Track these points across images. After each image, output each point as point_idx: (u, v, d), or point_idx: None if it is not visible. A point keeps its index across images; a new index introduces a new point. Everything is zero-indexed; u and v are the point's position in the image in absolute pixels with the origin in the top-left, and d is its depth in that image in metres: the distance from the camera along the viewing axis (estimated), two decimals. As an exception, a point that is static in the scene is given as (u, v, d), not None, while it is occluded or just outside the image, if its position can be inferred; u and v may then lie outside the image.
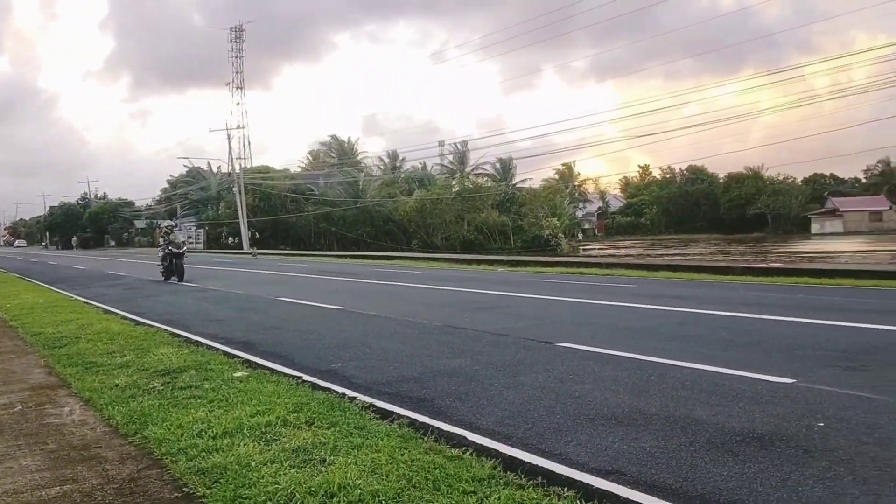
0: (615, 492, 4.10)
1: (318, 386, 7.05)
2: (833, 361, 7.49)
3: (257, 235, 55.08)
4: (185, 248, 24.73)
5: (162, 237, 25.56)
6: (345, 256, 44.78)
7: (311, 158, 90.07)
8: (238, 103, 73.01)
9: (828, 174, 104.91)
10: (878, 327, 9.82)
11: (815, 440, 4.87)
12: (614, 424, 5.44)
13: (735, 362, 7.53)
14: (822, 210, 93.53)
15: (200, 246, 69.04)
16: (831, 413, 5.51)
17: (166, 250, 23.98)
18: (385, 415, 5.92)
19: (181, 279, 23.13)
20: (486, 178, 75.84)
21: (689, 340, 9.09)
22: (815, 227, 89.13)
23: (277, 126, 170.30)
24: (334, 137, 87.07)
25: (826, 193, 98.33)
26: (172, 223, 26.02)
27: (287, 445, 5.12)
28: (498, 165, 77.54)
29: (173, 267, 23.59)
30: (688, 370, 7.29)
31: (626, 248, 61.50)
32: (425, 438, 5.23)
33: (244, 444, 5.18)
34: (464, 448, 4.95)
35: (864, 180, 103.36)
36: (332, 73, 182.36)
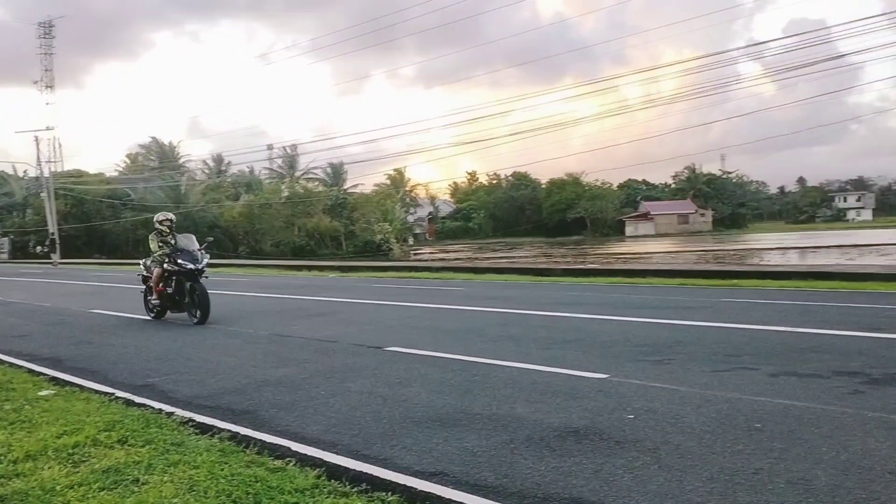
0: (438, 493, 4.15)
1: (133, 402, 6.68)
2: (643, 356, 7.97)
3: (56, 242, 50.94)
4: (205, 260, 12.94)
5: (154, 239, 13.22)
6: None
7: (129, 162, 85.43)
8: (47, 103, 68.06)
9: (640, 180, 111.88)
10: (683, 322, 10.56)
11: (626, 432, 5.15)
12: (439, 426, 5.51)
13: (554, 360, 7.86)
14: (636, 213, 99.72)
15: (5, 255, 63.81)
16: (640, 405, 5.85)
17: (166, 264, 12.83)
18: (205, 429, 5.69)
19: (205, 315, 12.25)
20: (316, 183, 75.13)
21: (512, 340, 9.38)
22: (629, 230, 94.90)
23: (92, 128, 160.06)
24: (155, 140, 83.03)
25: (639, 198, 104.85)
26: (171, 216, 13.75)
27: (97, 466, 4.80)
28: (329, 170, 77.06)
29: (183, 295, 12.70)
30: (510, 369, 7.52)
31: (455, 251, 62.83)
32: (247, 451, 5.07)
33: (49, 468, 4.81)
34: (287, 459, 4.84)
35: (672, 185, 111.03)
36: (151, 72, 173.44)
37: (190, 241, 13.10)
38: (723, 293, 15.27)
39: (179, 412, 6.20)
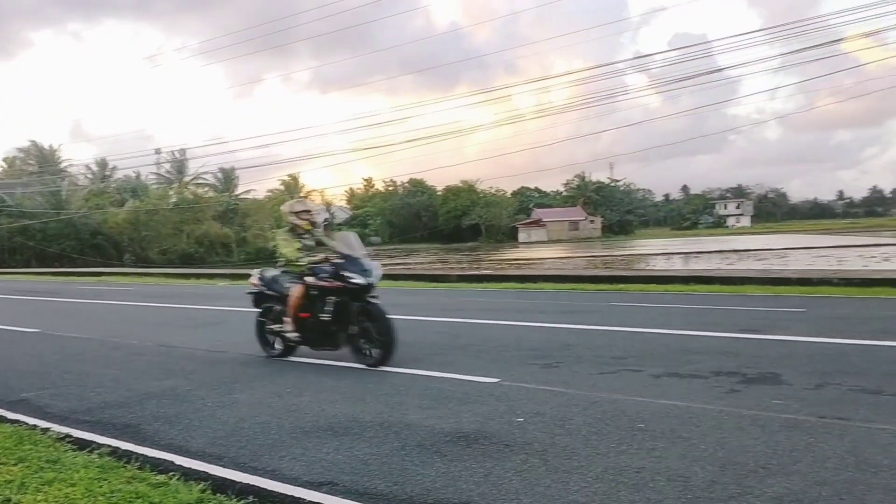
0: (327, 503, 4.09)
1: (6, 419, 6.30)
2: (533, 360, 8.11)
3: None
4: (378, 271, 8.59)
5: (289, 240, 8.78)
6: (45, 273, 40.70)
7: (6, 166, 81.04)
8: (-86, 103, 63.83)
9: (533, 187, 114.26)
10: (572, 326, 10.81)
11: (515, 435, 5.21)
12: (330, 435, 5.44)
13: (447, 365, 7.90)
14: (529, 220, 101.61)
15: None
16: (530, 409, 5.94)
17: (311, 277, 8.48)
18: (84, 445, 5.42)
19: (389, 352, 8.06)
20: (207, 189, 73.17)
21: (405, 346, 9.34)
22: (522, 236, 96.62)
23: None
24: (34, 143, 79.07)
25: (532, 205, 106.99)
26: (313, 205, 10.04)
27: (-38, 489, 4.50)
28: (220, 175, 75.23)
29: (345, 323, 8.30)
30: (403, 376, 7.52)
31: (350, 258, 62.31)
32: (128, 467, 4.86)
33: None
34: (171, 473, 4.67)
35: (564, 193, 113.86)
36: (29, 73, 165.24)
37: (351, 243, 8.59)
38: (610, 297, 15.73)
39: (56, 428, 5.89)
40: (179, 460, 4.96)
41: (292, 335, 8.61)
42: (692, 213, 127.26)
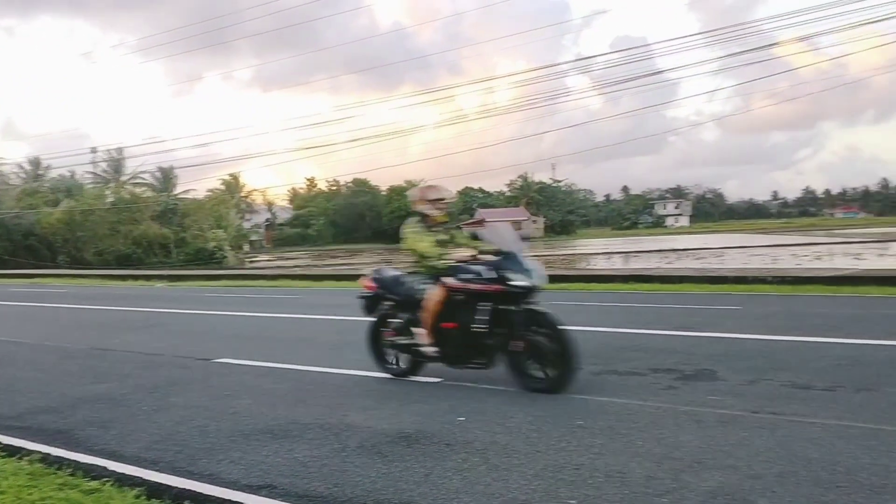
0: (265, 507, 4.04)
1: (-72, 427, 6.07)
2: (475, 359, 8.12)
3: None
4: (541, 270, 6.88)
5: (421, 233, 7.13)
6: (-24, 276, 39.34)
7: (-69, 165, 78.02)
8: None
9: (477, 187, 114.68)
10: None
11: (456, 434, 5.21)
12: (269, 438, 5.37)
13: (389, 366, 7.85)
14: (472, 220, 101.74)
15: None
16: (471, 407, 5.95)
17: (452, 278, 6.73)
18: (13, 451, 5.25)
19: (571, 371, 6.34)
20: (144, 188, 71.59)
21: (348, 347, 9.30)
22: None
23: None
24: (-38, 141, 76.36)
25: (475, 205, 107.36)
26: (447, 192, 7.46)
27: None
28: (158, 174, 73.71)
29: (507, 336, 6.51)
30: (345, 377, 7.48)
31: (294, 259, 61.81)
32: (59, 473, 4.73)
33: None
34: (104, 479, 4.55)
35: (507, 193, 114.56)
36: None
37: (505, 237, 7.07)
38: (552, 296, 15.82)
39: (-18, 435, 5.70)
40: (113, 466, 4.85)
41: (429, 349, 6.90)
42: (632, 214, 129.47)
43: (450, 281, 6.75)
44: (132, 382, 7.65)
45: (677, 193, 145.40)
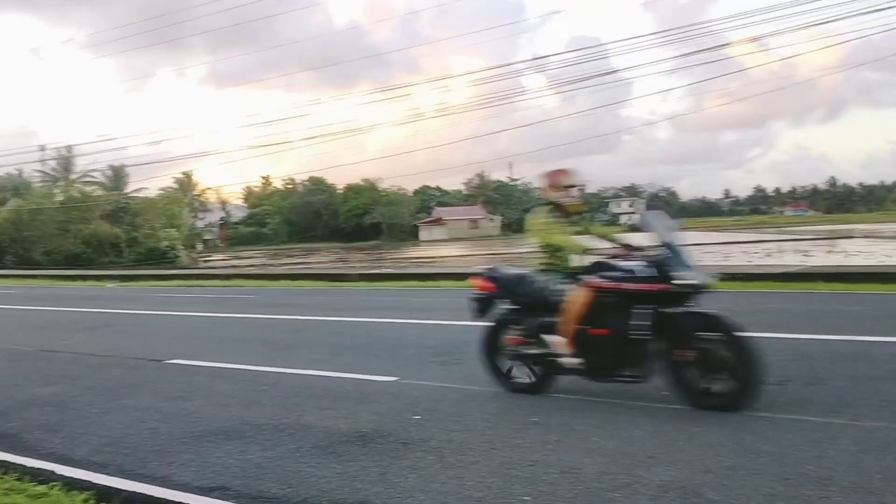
0: (217, 509, 3.99)
1: None
2: (432, 357, 8.12)
3: None
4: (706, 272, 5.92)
5: (553, 224, 6.25)
6: (-82, 277, 38.19)
7: None
8: None
9: (435, 186, 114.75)
10: (472, 323, 10.86)
11: (412, 433, 5.20)
12: (223, 439, 5.30)
13: (345, 365, 7.82)
14: (430, 219, 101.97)
15: None
16: (427, 406, 5.95)
17: (597, 276, 5.86)
18: (-44, 457, 5.12)
19: (751, 388, 5.32)
20: (95, 187, 70.20)
21: (304, 347, 9.26)
22: (423, 235, 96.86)
23: None
24: None
25: (433, 204, 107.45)
26: (577, 176, 6.38)
27: None
28: (110, 173, 72.36)
29: (660, 343, 5.58)
30: (300, 377, 7.41)
31: (248, 258, 61.13)
32: (6, 478, 4.62)
33: None
34: (52, 483, 4.46)
35: (464, 191, 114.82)
36: None
37: (662, 226, 5.99)
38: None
39: (-77, 441, 5.53)
40: (61, 469, 4.74)
41: (570, 360, 5.89)
42: (588, 212, 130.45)
43: (596, 280, 5.81)
44: (82, 384, 7.50)
45: (632, 192, 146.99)
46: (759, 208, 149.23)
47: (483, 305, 6.63)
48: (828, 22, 31.73)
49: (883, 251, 26.43)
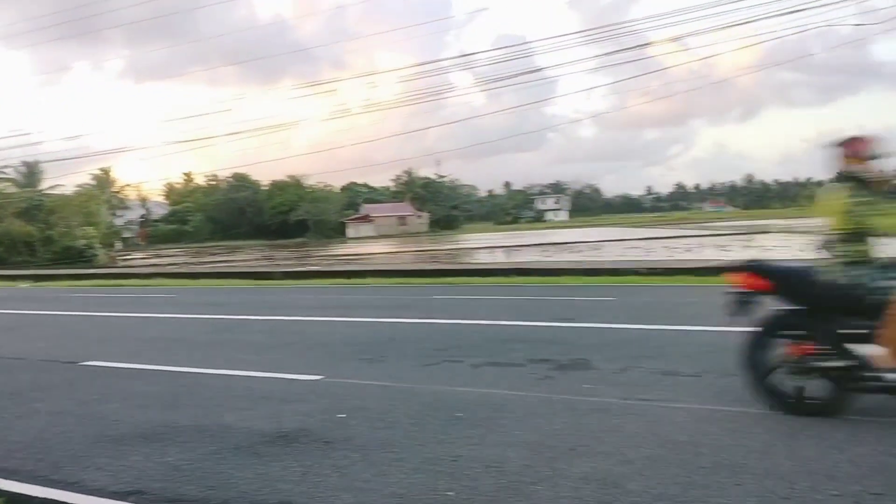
0: (134, 514, 3.88)
1: None
2: (358, 355, 8.08)
3: None
4: None
5: (867, 202, 4.81)
6: None
7: None
8: None
9: (362, 183, 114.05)
10: (398, 320, 10.87)
11: (336, 431, 5.16)
12: (141, 442, 5.15)
13: (269, 364, 7.71)
14: (357, 216, 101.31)
15: None
16: (352, 404, 5.90)
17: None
18: None
19: None
20: (7, 184, 67.49)
21: (226, 346, 9.09)
22: (350, 232, 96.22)
23: None
24: None
25: (361, 200, 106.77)
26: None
27: None
28: (23, 169, 69.65)
29: None
30: (222, 377, 7.27)
31: (169, 256, 59.66)
32: None
33: None
34: (-43, 493, 4.27)
35: (392, 188, 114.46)
36: None
37: None
38: (436, 290, 15.96)
39: None
40: (-32, 478, 4.54)
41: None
42: (514, 209, 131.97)
43: None
44: (-10, 389, 7.20)
45: (557, 188, 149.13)
46: (679, 204, 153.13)
47: (744, 305, 5.28)
48: (745, 23, 32.69)
49: (796, 245, 27.40)
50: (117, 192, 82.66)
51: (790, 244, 29.22)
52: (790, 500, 3.56)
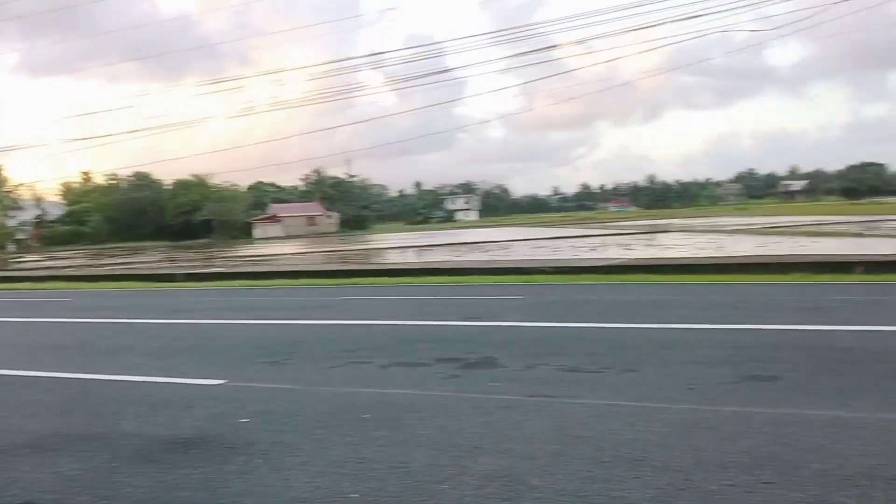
0: (19, 529, 3.69)
1: None
2: (262, 358, 7.92)
3: None
4: None
5: None
6: None
7: None
8: None
9: (270, 182, 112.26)
10: (304, 322, 10.75)
11: (239, 436, 5.04)
12: (31, 452, 4.91)
13: (169, 369, 7.48)
14: (264, 216, 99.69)
15: None
16: (256, 408, 5.78)
17: None
18: None
19: None
20: None
21: (123, 352, 8.78)
22: (257, 232, 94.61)
23: None
24: None
25: (268, 200, 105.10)
26: None
27: None
28: None
29: None
30: (119, 383, 7.02)
31: (66, 258, 57.27)
32: None
33: None
34: None
35: (301, 188, 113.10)
36: None
37: None
38: (344, 291, 15.85)
39: None
40: None
41: None
42: (425, 208, 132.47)
43: None
44: None
45: (467, 189, 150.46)
46: (585, 204, 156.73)
47: None
48: (648, 27, 33.71)
49: (695, 244, 28.38)
50: (9, 191, 78.81)
51: (688, 242, 30.23)
52: (686, 492, 3.66)
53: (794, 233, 32.55)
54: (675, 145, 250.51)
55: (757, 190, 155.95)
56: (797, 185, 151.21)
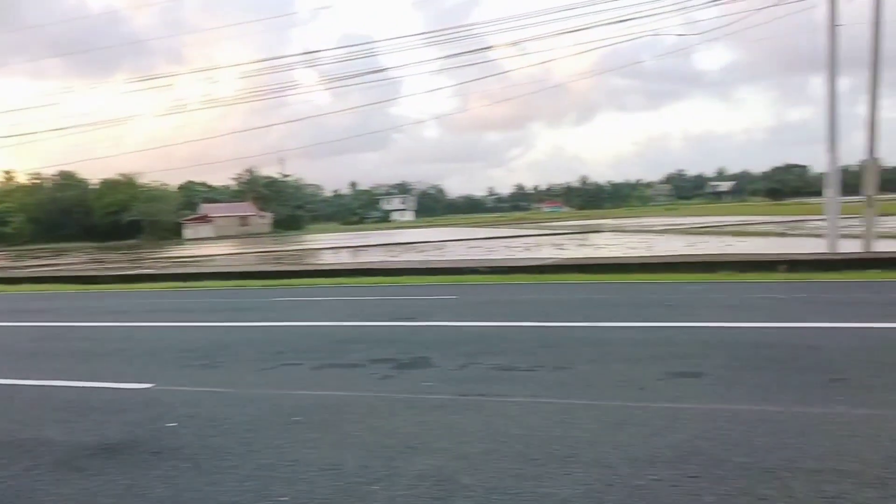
0: (-68, 543, 3.54)
1: None
2: (191, 361, 7.77)
3: None
4: None
5: None
6: None
7: None
8: None
9: (201, 181, 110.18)
10: (234, 324, 10.58)
11: (165, 441, 4.93)
12: (-56, 463, 4.72)
13: (94, 374, 7.28)
14: (195, 216, 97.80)
15: None
16: (184, 412, 5.66)
17: None
18: None
19: None
20: None
21: (48, 355, 8.51)
22: (188, 233, 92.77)
23: None
24: None
25: (199, 200, 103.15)
26: None
27: None
28: None
29: None
30: (41, 388, 6.80)
31: (-13, 260, 55.21)
32: None
33: None
34: None
35: (233, 187, 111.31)
36: None
37: None
38: (276, 293, 15.66)
39: None
40: None
41: None
42: (360, 209, 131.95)
43: None
44: None
45: (402, 189, 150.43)
46: (519, 205, 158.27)
47: None
48: (580, 30, 34.21)
49: (626, 244, 28.92)
50: (-76, 190, 75.53)
51: (618, 242, 30.80)
52: (614, 487, 3.72)
53: (721, 232, 33.46)
54: (607, 147, 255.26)
55: (686, 191, 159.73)
56: (724, 185, 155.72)
